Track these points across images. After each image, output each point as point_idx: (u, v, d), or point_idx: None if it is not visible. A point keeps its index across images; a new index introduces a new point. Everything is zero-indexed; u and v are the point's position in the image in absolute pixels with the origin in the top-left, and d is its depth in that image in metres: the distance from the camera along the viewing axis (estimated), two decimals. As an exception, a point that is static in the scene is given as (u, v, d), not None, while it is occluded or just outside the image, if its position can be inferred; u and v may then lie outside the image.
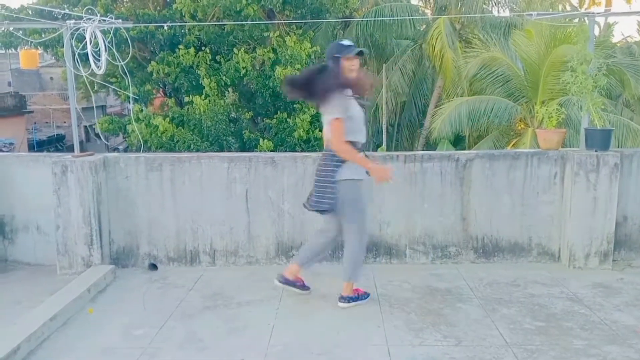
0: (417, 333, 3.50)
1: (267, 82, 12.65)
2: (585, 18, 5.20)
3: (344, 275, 3.90)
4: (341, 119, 3.59)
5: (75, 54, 4.78)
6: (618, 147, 11.10)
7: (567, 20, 10.89)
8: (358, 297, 3.93)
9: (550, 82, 11.67)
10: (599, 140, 4.62)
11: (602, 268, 4.58)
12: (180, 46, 12.98)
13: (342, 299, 3.90)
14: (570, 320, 3.65)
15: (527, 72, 13.02)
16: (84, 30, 4.77)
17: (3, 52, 16.60)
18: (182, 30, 13.29)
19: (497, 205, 4.73)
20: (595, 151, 4.57)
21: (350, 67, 3.67)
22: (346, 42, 3.74)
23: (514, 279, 4.40)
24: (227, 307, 3.95)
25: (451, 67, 15.61)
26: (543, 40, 11.74)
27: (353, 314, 3.79)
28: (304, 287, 4.06)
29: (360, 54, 3.72)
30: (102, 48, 4.78)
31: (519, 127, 13.64)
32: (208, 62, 13.06)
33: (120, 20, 5.34)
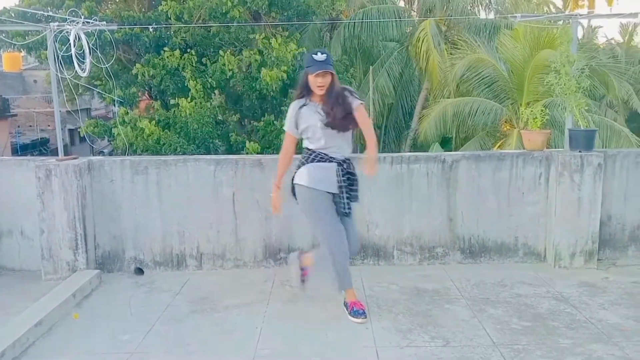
0: (405, 334, 3.50)
1: (253, 85, 12.64)
2: (569, 20, 5.26)
3: (335, 287, 3.82)
4: (287, 132, 3.76)
5: (59, 57, 4.74)
6: (602, 147, 11.25)
7: (551, 22, 11.00)
8: (356, 310, 3.71)
9: (535, 84, 11.80)
10: (583, 140, 4.67)
11: (587, 267, 4.63)
12: (166, 48, 12.93)
13: (350, 313, 3.72)
14: (556, 320, 3.68)
15: (512, 74, 13.15)
16: (67, 32, 4.73)
17: (-15, 54, 16.39)
18: (168, 33, 13.24)
19: (483, 206, 4.76)
20: (579, 152, 4.62)
21: (316, 83, 3.52)
22: (316, 57, 3.51)
23: (501, 279, 4.43)
24: (215, 311, 3.93)
25: (437, 69, 15.71)
26: (527, 43, 11.87)
27: (341, 316, 3.79)
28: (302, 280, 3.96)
29: (325, 69, 3.49)
30: (86, 50, 4.75)
31: (505, 128, 13.76)
32: (194, 65, 13.02)
33: (104, 23, 5.32)
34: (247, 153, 11.47)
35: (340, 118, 3.56)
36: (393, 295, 4.11)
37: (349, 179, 3.69)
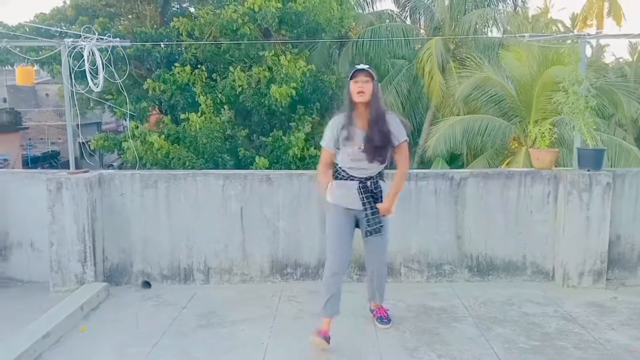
0: (411, 352, 3.49)
1: (262, 100, 12.73)
2: (577, 40, 5.28)
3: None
4: (323, 147, 3.67)
5: (73, 72, 4.81)
6: (611, 166, 11.19)
7: (559, 41, 11.04)
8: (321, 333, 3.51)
9: (543, 102, 11.78)
10: (592, 159, 4.67)
11: (595, 287, 4.59)
12: (177, 64, 13.08)
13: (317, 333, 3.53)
14: (564, 340, 3.65)
15: (520, 92, 13.16)
16: (81, 48, 4.81)
17: (-1, 68, 16.65)
18: (179, 49, 13.40)
19: (491, 223, 4.75)
20: (588, 171, 4.61)
21: (355, 90, 3.49)
22: (358, 66, 3.54)
23: (509, 298, 4.40)
24: (221, 326, 3.93)
25: (439, 90, 15.76)
26: (535, 61, 11.89)
27: (348, 332, 3.77)
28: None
29: (363, 70, 3.50)
30: (100, 66, 4.82)
31: (513, 146, 13.73)
32: (204, 80, 13.16)
33: (117, 39, 5.39)
34: (256, 168, 11.52)
35: (376, 147, 3.50)
36: (400, 313, 4.10)
37: (373, 196, 3.58)
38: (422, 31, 19.18)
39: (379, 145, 3.50)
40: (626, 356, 3.42)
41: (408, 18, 19.86)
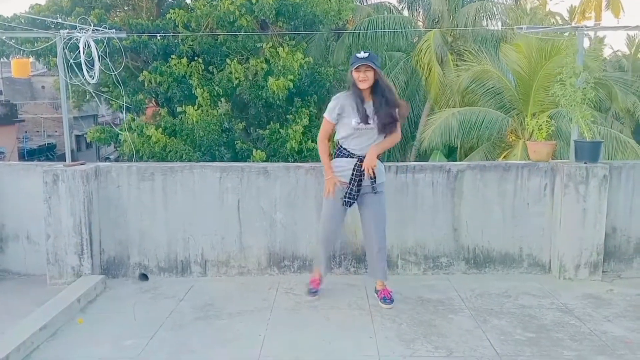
0: (408, 344, 3.50)
1: (259, 93, 12.69)
2: (575, 32, 5.27)
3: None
4: (325, 118, 4.00)
5: (68, 64, 4.78)
6: (608, 159, 11.21)
7: (557, 34, 11.01)
8: (310, 289, 4.26)
9: (541, 95, 11.79)
10: (589, 152, 4.67)
11: (592, 279, 4.61)
12: (173, 56, 13.01)
13: (308, 291, 4.27)
14: (560, 331, 3.67)
15: (518, 85, 13.15)
16: (77, 39, 4.78)
17: (-5, 60, 16.55)
18: (176, 41, 13.33)
19: (488, 216, 4.75)
20: (585, 163, 4.62)
21: (358, 78, 3.82)
22: (359, 55, 3.84)
23: (505, 290, 4.42)
24: (218, 318, 3.94)
25: (437, 82, 15.72)
26: (534, 54, 11.87)
27: (345, 324, 3.79)
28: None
29: (364, 63, 3.78)
30: (95, 58, 4.79)
31: (510, 139, 13.73)
32: (201, 72, 13.10)
33: (113, 30, 5.36)
34: (253, 161, 11.51)
35: (384, 123, 3.86)
36: (397, 305, 4.11)
37: (361, 175, 3.91)
38: (419, 23, 19.12)
39: (387, 122, 3.85)
40: (622, 348, 3.44)
41: (406, 10, 19.79)
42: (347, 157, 3.95)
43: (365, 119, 3.82)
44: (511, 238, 4.78)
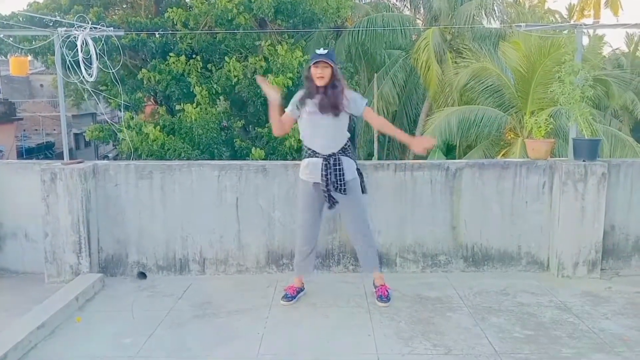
0: (406, 342, 3.50)
1: (258, 91, 12.65)
2: (574, 30, 5.27)
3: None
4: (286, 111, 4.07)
5: (66, 62, 4.77)
6: (608, 156, 11.22)
7: (556, 32, 11.02)
8: (285, 294, 4.17)
9: (540, 93, 11.80)
10: (587, 150, 4.67)
11: (590, 277, 4.61)
12: (172, 54, 12.98)
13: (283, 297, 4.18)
14: (558, 329, 3.67)
15: (517, 83, 13.15)
16: (75, 37, 4.77)
17: (-7, 59, 16.50)
18: (174, 39, 13.31)
19: (486, 214, 4.75)
20: (583, 161, 4.61)
21: (315, 75, 3.86)
22: (319, 51, 3.89)
23: (504, 288, 4.42)
24: (217, 316, 3.93)
25: (435, 80, 15.73)
26: (533, 52, 11.87)
27: (343, 322, 3.79)
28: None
29: (322, 59, 3.81)
30: (94, 56, 4.78)
31: (509, 137, 13.74)
32: (199, 70, 13.07)
33: (111, 28, 5.34)
34: (251, 159, 11.50)
35: (327, 103, 3.86)
36: (395, 303, 4.11)
37: (335, 172, 3.91)
38: (418, 21, 19.11)
39: (332, 103, 3.85)
40: (620, 345, 3.44)
41: (405, 8, 19.79)
42: (313, 157, 3.97)
43: (318, 107, 3.87)
44: (509, 236, 4.78)
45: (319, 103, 3.87)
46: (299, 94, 4.04)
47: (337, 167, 3.91)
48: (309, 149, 4.01)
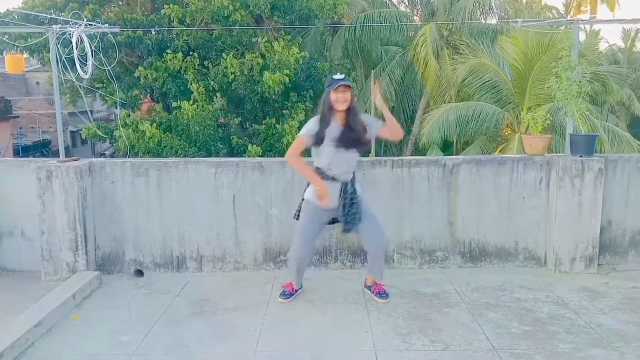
0: (404, 338, 3.50)
1: (255, 88, 12.64)
2: (571, 26, 5.26)
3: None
4: (302, 137, 3.86)
5: (61, 59, 4.75)
6: (603, 152, 11.22)
7: (553, 27, 11.01)
8: (283, 291, 4.16)
9: (537, 89, 11.79)
10: (584, 145, 4.67)
11: (587, 272, 4.62)
12: (168, 51, 12.93)
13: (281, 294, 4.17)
14: (556, 324, 3.67)
15: (514, 79, 13.14)
16: (70, 34, 4.74)
17: (-12, 56, 16.45)
18: (170, 36, 13.25)
19: (483, 210, 4.75)
20: (580, 157, 4.62)
21: (336, 99, 3.74)
22: (336, 76, 3.78)
23: (501, 284, 4.42)
24: (214, 313, 3.93)
25: (433, 75, 15.70)
26: (530, 47, 11.86)
27: (341, 319, 3.79)
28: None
29: (344, 84, 3.71)
30: (89, 53, 4.75)
31: (506, 133, 13.74)
32: (196, 67, 13.03)
33: (107, 25, 5.32)
34: (248, 156, 11.47)
35: (352, 139, 3.79)
36: (393, 299, 4.11)
37: (352, 199, 3.85)
38: (416, 18, 19.08)
39: (355, 137, 3.78)
40: (617, 340, 3.45)
41: (402, 4, 19.76)
42: (330, 180, 3.82)
43: (343, 143, 3.76)
44: (507, 232, 4.78)
45: (340, 138, 3.76)
46: (316, 125, 3.82)
47: (354, 197, 3.85)
48: (324, 173, 3.84)
